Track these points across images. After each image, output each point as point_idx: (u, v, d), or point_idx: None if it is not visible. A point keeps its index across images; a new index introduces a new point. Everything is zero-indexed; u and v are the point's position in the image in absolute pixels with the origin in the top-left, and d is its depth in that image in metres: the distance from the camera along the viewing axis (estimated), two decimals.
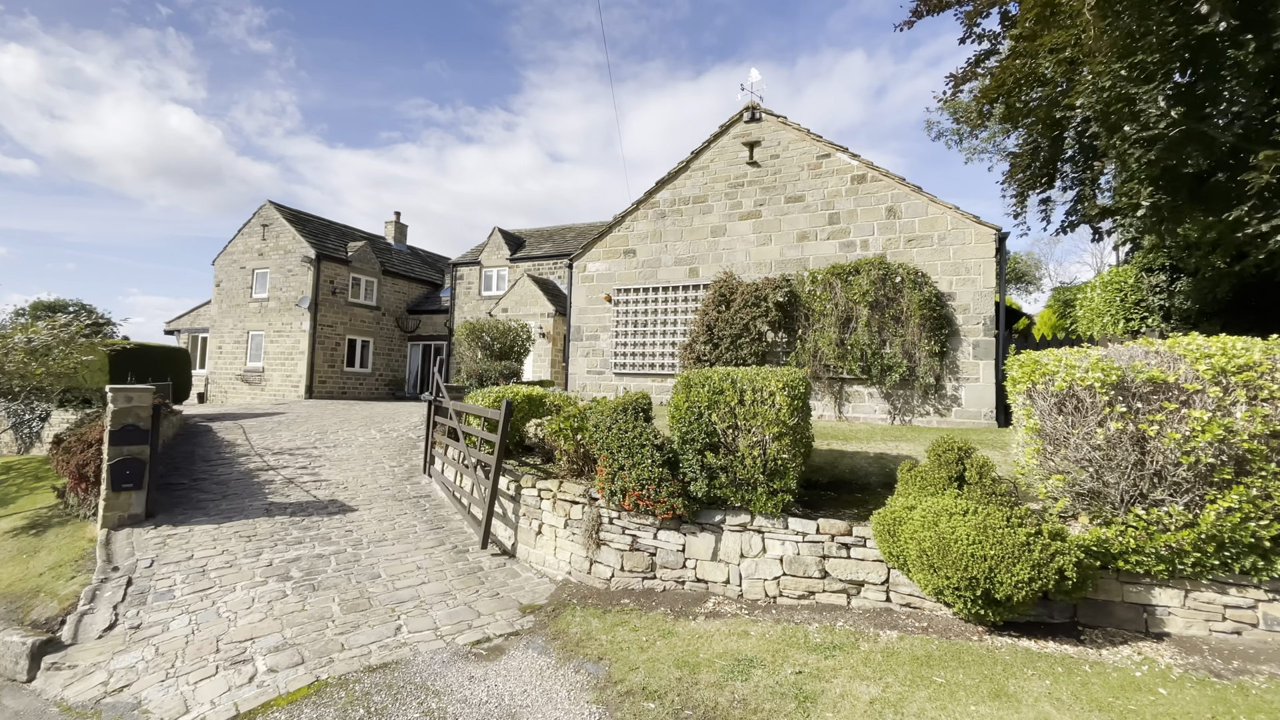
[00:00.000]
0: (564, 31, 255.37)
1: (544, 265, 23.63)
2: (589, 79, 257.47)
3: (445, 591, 6.03)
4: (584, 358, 12.40)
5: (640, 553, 5.98)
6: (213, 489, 9.19)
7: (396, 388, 26.63)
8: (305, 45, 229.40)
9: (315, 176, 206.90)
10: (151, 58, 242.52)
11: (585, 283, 12.53)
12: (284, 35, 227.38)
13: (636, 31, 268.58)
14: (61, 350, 9.82)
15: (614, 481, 5.97)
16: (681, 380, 6.09)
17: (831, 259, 10.23)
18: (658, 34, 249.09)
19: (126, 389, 7.70)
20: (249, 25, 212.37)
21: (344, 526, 7.77)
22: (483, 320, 13.05)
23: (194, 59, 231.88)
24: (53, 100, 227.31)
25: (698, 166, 11.52)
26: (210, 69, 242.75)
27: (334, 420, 15.06)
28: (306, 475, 10.01)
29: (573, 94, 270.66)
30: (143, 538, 7.19)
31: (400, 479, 10.03)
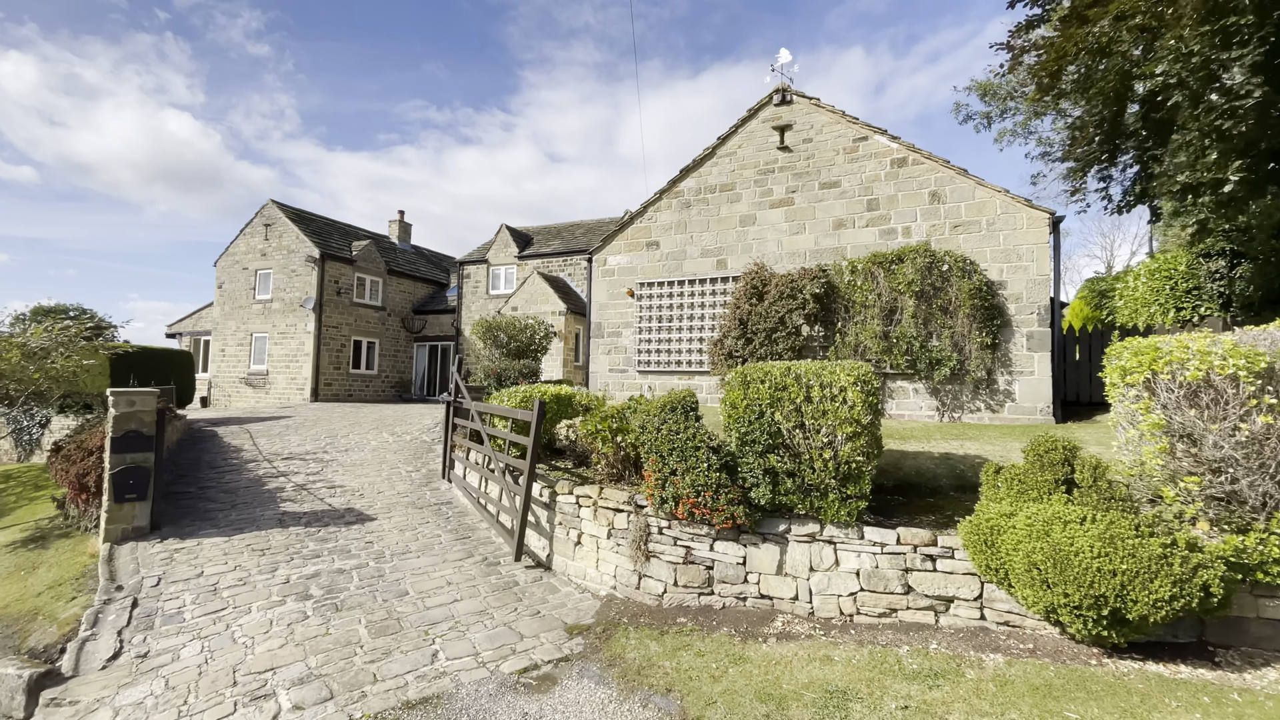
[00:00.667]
0: (561, 31, 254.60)
1: (553, 262, 23.10)
2: (587, 78, 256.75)
3: (481, 610, 5.49)
4: (605, 355, 11.86)
5: (695, 566, 5.44)
6: (221, 498, 8.65)
7: (403, 390, 26.09)
8: (303, 49, 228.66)
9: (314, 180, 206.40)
10: (150, 62, 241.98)
11: (606, 277, 11.99)
12: (282, 38, 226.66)
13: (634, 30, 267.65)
14: (60, 353, 9.28)
15: (664, 488, 5.43)
16: (737, 376, 5.55)
17: (871, 247, 9.68)
18: (655, 32, 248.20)
19: (128, 392, 7.17)
20: (246, 29, 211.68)
21: (364, 537, 7.23)
22: (499, 317, 12.51)
23: (192, 63, 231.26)
24: (52, 106, 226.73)
25: (724, 153, 10.97)
26: (208, 73, 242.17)
27: (343, 423, 14.52)
28: (319, 482, 9.47)
29: (570, 94, 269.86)
30: (148, 552, 6.66)
31: (418, 485, 9.49)
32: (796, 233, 10.28)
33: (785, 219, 10.37)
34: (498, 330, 12.08)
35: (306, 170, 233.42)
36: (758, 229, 10.57)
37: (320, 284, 22.55)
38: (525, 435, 7.27)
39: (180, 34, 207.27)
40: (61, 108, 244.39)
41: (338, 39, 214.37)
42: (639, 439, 5.80)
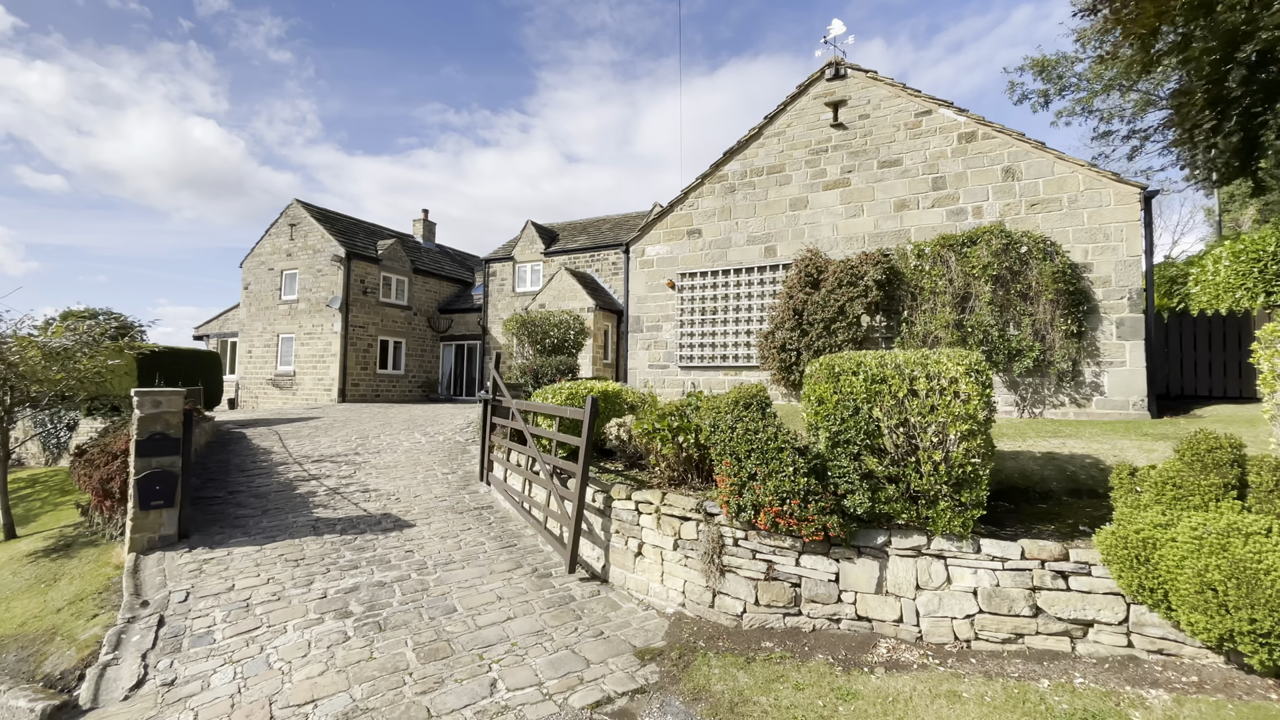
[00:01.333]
0: (577, 31, 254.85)
1: (580, 258, 22.56)
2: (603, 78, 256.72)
3: (538, 630, 4.92)
4: (645, 350, 11.26)
5: (779, 583, 4.80)
6: (251, 503, 8.22)
7: (430, 390, 25.79)
8: (324, 55, 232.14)
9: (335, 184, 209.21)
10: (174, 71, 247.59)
11: (644, 268, 11.39)
12: (303, 45, 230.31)
13: (650, 28, 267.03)
14: (84, 353, 8.94)
15: (741, 494, 4.81)
16: (822, 368, 4.91)
17: (938, 229, 8.95)
18: (672, 29, 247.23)
19: (154, 393, 6.74)
20: (268, 36, 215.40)
21: (403, 546, 6.72)
22: (533, 312, 11.98)
23: (215, 71, 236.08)
24: (79, 116, 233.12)
25: (772, 133, 10.30)
26: (232, 80, 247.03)
27: (373, 424, 14.12)
28: (353, 485, 9.01)
29: (587, 94, 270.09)
30: (175, 563, 6.21)
31: (456, 488, 8.98)
32: (853, 216, 9.57)
33: (840, 201, 9.67)
34: (532, 326, 11.55)
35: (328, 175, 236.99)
36: (810, 213, 9.89)
37: (346, 283, 22.29)
38: (574, 435, 6.70)
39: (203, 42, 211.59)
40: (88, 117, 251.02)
41: (357, 45, 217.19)
42: (708, 439, 5.18)
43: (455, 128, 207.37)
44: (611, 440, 7.32)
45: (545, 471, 6.75)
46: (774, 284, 10.03)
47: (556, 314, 11.78)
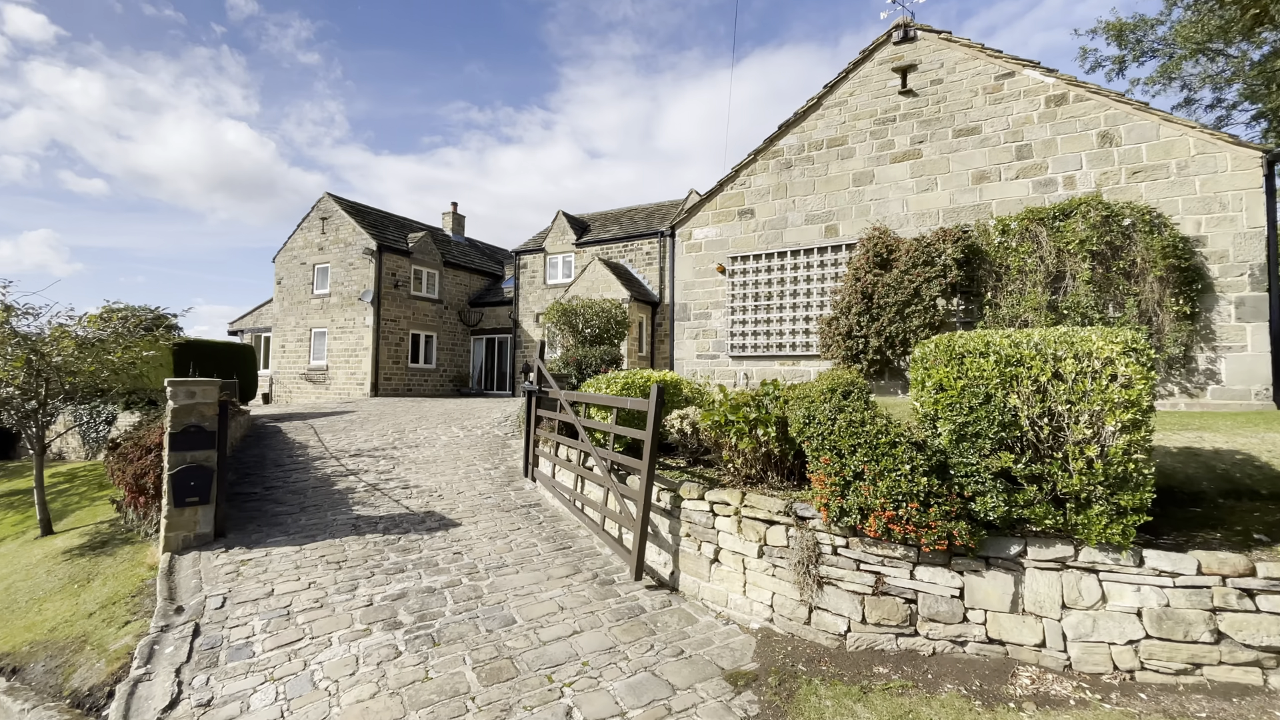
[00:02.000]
0: (599, 25, 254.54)
1: (613, 249, 21.98)
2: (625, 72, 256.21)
3: (609, 646, 4.35)
4: (692, 340, 10.63)
5: (890, 598, 4.15)
6: (289, 499, 7.83)
7: (461, 384, 25.52)
8: (351, 56, 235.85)
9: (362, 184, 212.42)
10: (208, 75, 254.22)
11: (691, 252, 10.74)
12: (330, 47, 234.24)
13: (673, 20, 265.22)
14: (119, 344, 8.64)
15: (845, 495, 4.17)
16: (939, 347, 4.24)
17: (1024, 202, 8.14)
18: (694, 21, 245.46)
19: (188, 383, 6.34)
20: (297, 38, 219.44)
21: (450, 547, 6.22)
22: (574, 301, 11.42)
23: (247, 74, 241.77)
24: (119, 121, 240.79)
25: (832, 103, 9.56)
26: (263, 83, 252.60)
27: (408, 418, 13.76)
28: (392, 481, 8.57)
29: (609, 88, 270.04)
30: (211, 564, 5.80)
31: (500, 484, 8.48)
32: (925, 190, 8.79)
33: (910, 174, 8.90)
34: (573, 315, 11.00)
35: (355, 175, 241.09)
36: (876, 188, 9.13)
37: (378, 276, 22.07)
38: (636, 428, 6.13)
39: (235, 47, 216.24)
40: (127, 122, 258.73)
41: (384, 46, 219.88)
42: (801, 432, 4.54)
43: (479, 125, 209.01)
44: (672, 434, 6.71)
45: (601, 468, 6.18)
46: (836, 266, 9.31)
47: (599, 302, 11.22)
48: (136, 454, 6.72)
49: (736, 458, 5.34)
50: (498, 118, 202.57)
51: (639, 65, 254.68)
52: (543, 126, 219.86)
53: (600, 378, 7.37)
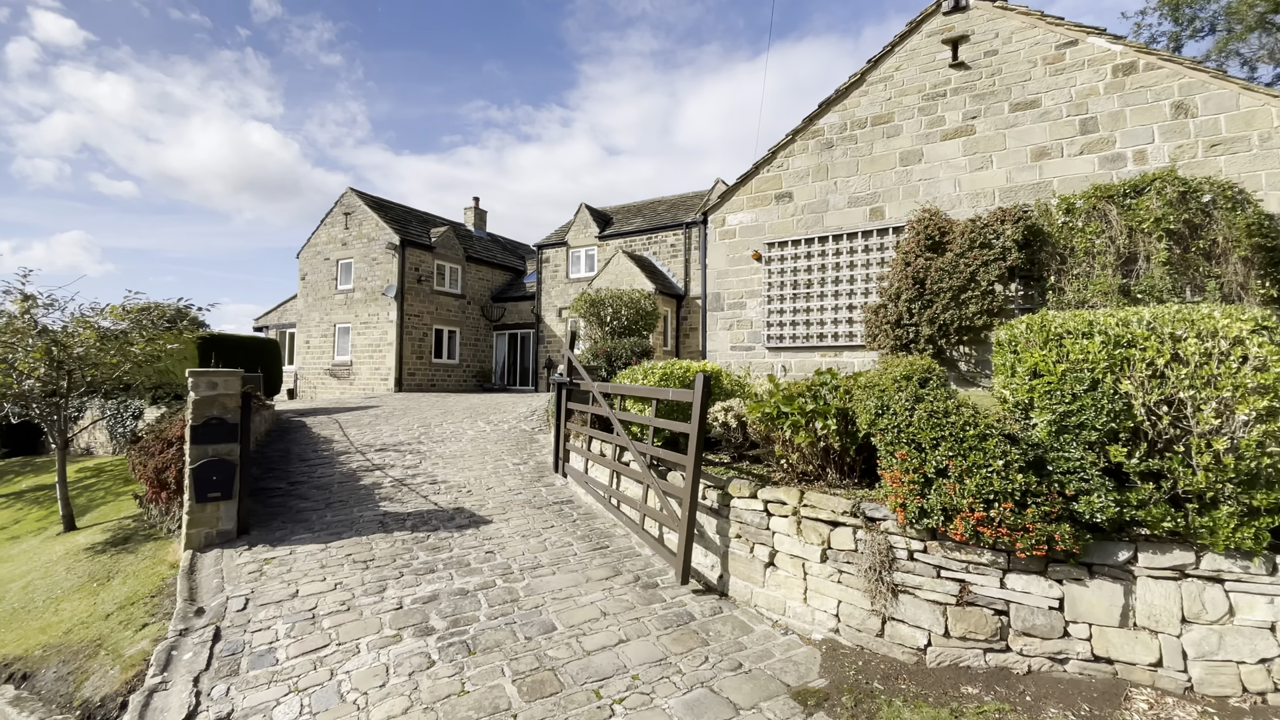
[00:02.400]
0: (618, 21, 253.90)
1: (636, 241, 21.57)
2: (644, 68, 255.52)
3: (659, 658, 3.97)
4: (726, 331, 10.19)
5: (977, 609, 3.71)
6: (314, 495, 7.57)
7: (484, 379, 25.35)
8: (373, 58, 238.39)
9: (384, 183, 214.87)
10: (233, 78, 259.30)
11: (724, 239, 10.29)
12: (352, 47, 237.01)
13: (691, 14, 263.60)
14: (141, 335, 8.47)
15: (925, 494, 3.73)
16: (1031, 328, 3.78)
17: (1089, 179, 7.55)
18: (714, 15, 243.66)
19: (209, 373, 6.09)
20: (320, 40, 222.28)
21: (481, 545, 5.89)
22: (603, 291, 11.04)
23: (271, 76, 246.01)
24: (147, 124, 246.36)
25: (877, 78, 9.03)
26: (286, 85, 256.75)
27: (433, 412, 13.52)
28: (419, 476, 8.29)
29: (627, 84, 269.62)
30: (234, 563, 5.53)
31: (529, 479, 8.15)
32: (979, 168, 8.24)
33: (963, 152, 8.35)
34: (602, 306, 10.63)
35: (377, 174, 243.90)
36: (925, 167, 8.59)
37: (401, 271, 21.94)
38: (679, 420, 5.72)
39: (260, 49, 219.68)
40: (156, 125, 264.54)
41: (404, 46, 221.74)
42: (874, 424, 4.09)
43: (498, 124, 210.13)
44: (715, 428, 6.31)
45: (640, 463, 5.79)
46: (882, 250, 8.79)
47: (627, 292, 10.82)
48: (158, 447, 6.50)
49: (791, 453, 4.91)
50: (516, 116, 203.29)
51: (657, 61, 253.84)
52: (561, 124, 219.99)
53: (635, 368, 6.99)
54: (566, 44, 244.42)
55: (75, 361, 7.28)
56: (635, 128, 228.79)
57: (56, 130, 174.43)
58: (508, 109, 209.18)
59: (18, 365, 6.87)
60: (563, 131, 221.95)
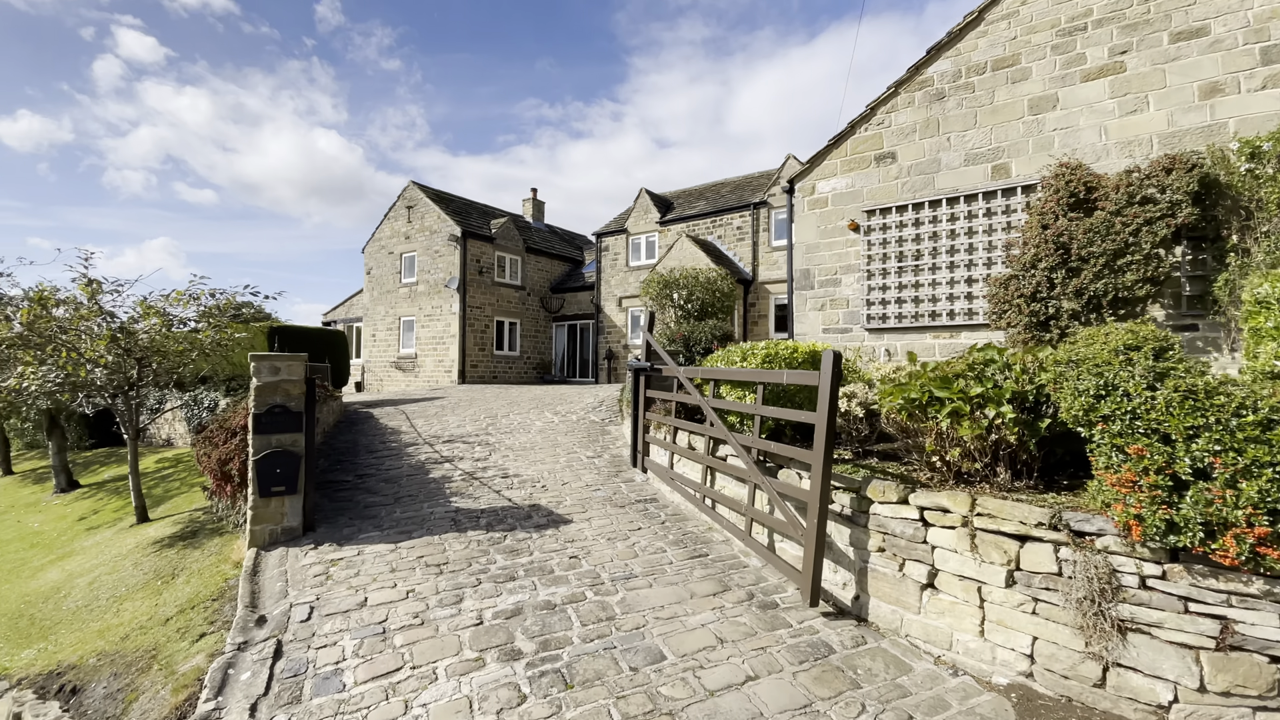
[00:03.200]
0: (668, 11, 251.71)
1: (700, 225, 20.62)
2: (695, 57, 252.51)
3: (801, 704, 3.15)
4: (817, 312, 9.20)
5: (1246, 655, 2.71)
6: (382, 488, 7.12)
7: (544, 371, 25.04)
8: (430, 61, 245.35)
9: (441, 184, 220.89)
10: (300, 87, 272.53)
11: (814, 209, 9.28)
12: (410, 51, 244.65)
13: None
14: (209, 323, 8.25)
15: (1174, 503, 2.75)
16: None
17: (1277, 117, 6.19)
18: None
19: (272, 357, 5.64)
20: (380, 45, 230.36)
21: (564, 549, 5.21)
22: (675, 271, 10.20)
23: (336, 84, 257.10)
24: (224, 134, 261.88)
25: (997, 16, 7.82)
26: (350, 92, 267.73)
27: (499, 403, 13.08)
28: (490, 469, 7.73)
29: (678, 75, 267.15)
30: (299, 564, 5.05)
31: (606, 474, 7.45)
32: (1131, 112, 6.95)
33: (1110, 94, 7.07)
34: (674, 287, 9.81)
35: (435, 176, 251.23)
36: (1061, 114, 7.35)
37: (463, 263, 21.79)
38: (797, 408, 4.87)
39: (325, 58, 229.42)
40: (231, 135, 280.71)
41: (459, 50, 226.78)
42: (1093, 409, 3.11)
43: (550, 121, 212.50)
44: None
45: (744, 459, 4.97)
46: (1008, 213, 7.61)
47: (703, 271, 9.94)
48: (221, 437, 6.16)
49: (948, 448, 3.97)
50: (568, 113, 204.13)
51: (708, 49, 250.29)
52: (612, 119, 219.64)
53: (728, 350, 6.15)
54: (616, 37, 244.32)
55: (143, 350, 7.06)
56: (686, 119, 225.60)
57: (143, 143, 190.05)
58: (559, 106, 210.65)
59: (85, 353, 6.67)
60: (613, 126, 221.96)
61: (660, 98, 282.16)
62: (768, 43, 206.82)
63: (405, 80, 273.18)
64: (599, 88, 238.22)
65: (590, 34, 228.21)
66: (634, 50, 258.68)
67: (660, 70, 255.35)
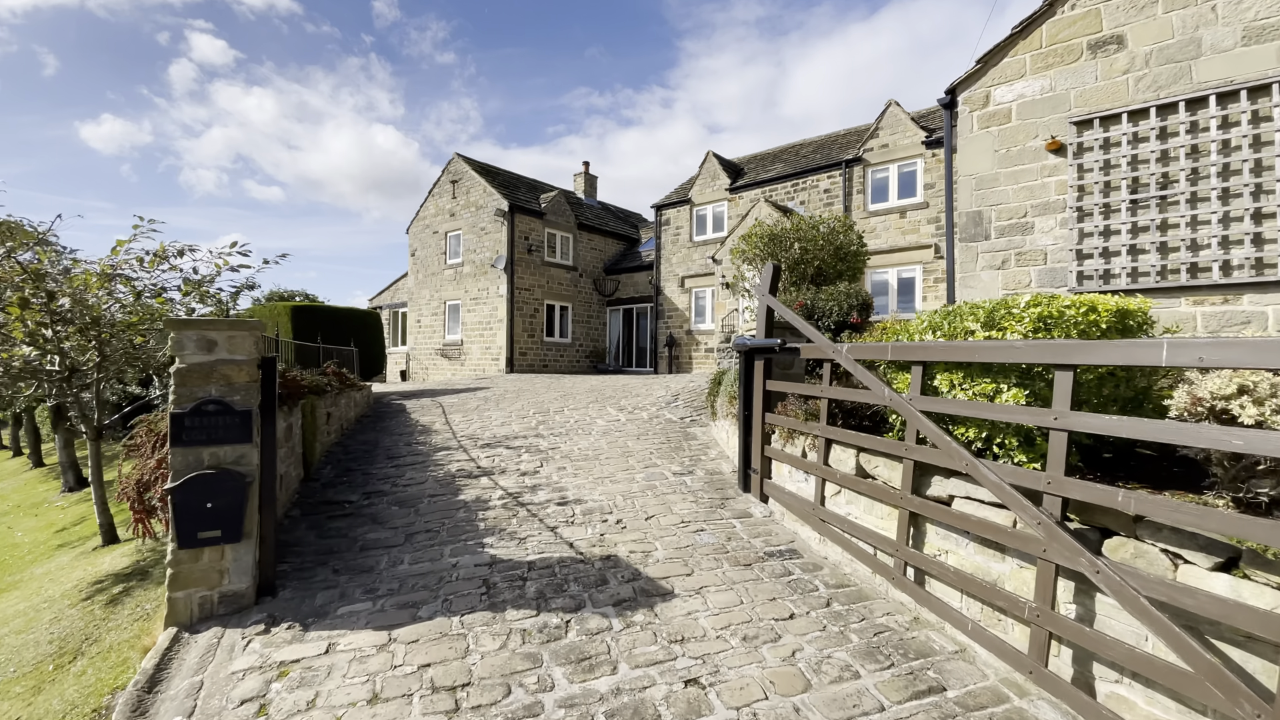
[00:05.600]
0: None
1: (779, 190, 17.94)
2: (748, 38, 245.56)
3: None
4: (994, 271, 6.61)
5: None
6: (392, 515, 5.05)
7: (598, 359, 22.95)
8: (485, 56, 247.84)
9: None
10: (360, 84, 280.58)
11: (989, 126, 6.66)
12: (464, 44, 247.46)
13: None
14: (198, 292, 6.38)
15: None
16: None
17: None
18: None
19: (202, 324, 3.57)
20: (435, 39, 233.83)
21: (669, 659, 2.95)
22: (782, 224, 7.64)
23: (393, 79, 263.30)
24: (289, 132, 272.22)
25: None
26: (406, 87, 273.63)
27: (550, 395, 10.97)
28: (541, 488, 5.56)
29: (731, 57, 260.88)
30: (226, 672, 2.96)
31: (707, 502, 5.15)
32: None
33: None
34: (783, 242, 7.34)
35: None
36: None
37: (511, 240, 19.85)
38: (1132, 416, 2.42)
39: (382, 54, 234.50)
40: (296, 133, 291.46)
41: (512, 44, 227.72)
42: None
43: (599, 110, 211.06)
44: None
45: (1025, 512, 2.59)
46: None
47: (824, 220, 7.42)
48: (151, 445, 4.17)
49: None
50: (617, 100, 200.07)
51: (762, 28, 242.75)
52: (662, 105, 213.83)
53: (918, 320, 3.73)
54: (667, 21, 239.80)
55: (84, 320, 5.18)
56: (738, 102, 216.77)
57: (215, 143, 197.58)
58: (609, 94, 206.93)
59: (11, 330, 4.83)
60: (663, 113, 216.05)
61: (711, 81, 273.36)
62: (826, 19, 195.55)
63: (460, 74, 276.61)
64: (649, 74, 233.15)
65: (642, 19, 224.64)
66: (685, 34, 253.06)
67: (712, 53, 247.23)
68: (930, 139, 14.49)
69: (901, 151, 15.11)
